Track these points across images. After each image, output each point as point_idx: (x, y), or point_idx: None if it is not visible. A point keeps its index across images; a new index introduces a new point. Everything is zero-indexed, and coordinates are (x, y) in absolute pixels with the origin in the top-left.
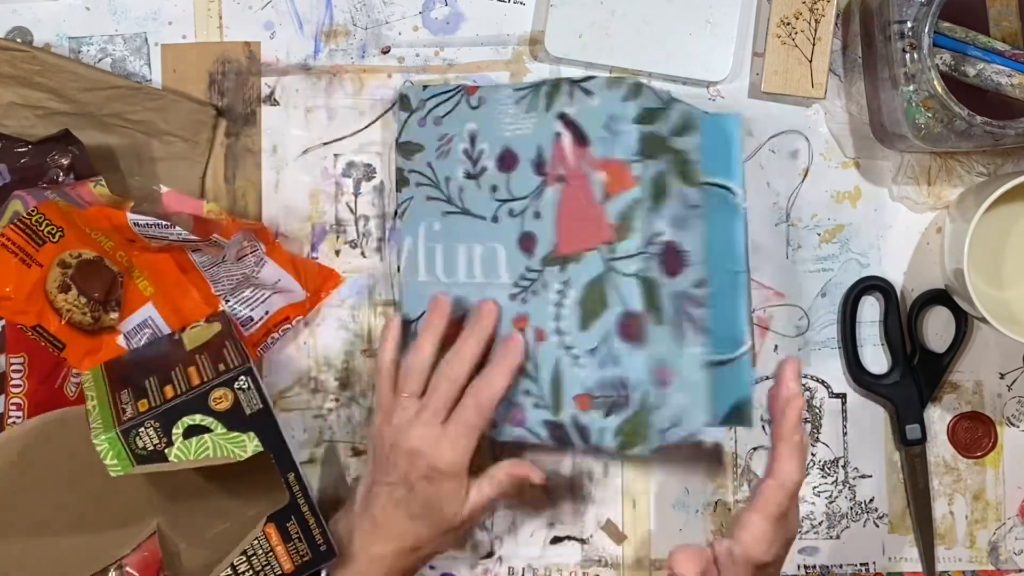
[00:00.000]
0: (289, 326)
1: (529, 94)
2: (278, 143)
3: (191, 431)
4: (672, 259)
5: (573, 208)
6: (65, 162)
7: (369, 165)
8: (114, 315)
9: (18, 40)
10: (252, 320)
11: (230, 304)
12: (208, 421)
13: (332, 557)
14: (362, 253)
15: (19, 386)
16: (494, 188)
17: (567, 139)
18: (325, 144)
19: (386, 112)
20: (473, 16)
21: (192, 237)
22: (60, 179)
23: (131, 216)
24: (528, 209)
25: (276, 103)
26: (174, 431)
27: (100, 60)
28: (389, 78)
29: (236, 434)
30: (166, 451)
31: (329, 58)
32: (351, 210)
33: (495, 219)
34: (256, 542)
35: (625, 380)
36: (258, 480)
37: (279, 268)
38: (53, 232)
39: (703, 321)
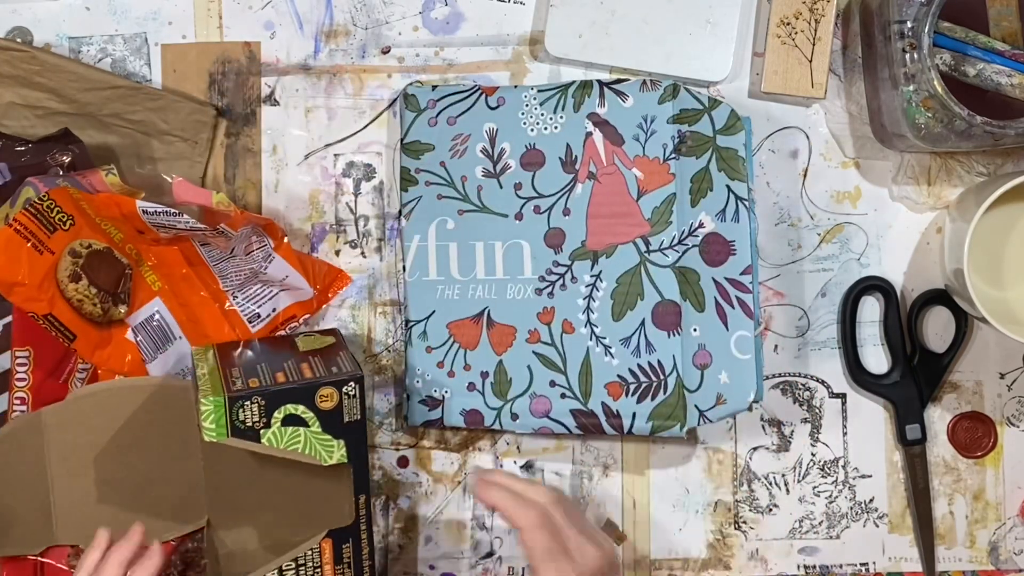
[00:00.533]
0: (296, 324)
1: (556, 95)
2: (278, 143)
3: (290, 420)
4: (716, 249)
5: (604, 204)
6: (65, 160)
7: (369, 165)
8: (123, 308)
9: (18, 40)
10: (259, 317)
11: (238, 300)
12: (308, 416)
13: None
14: (362, 253)
15: (24, 380)
16: (518, 186)
17: (599, 138)
18: (327, 146)
19: (384, 111)
20: (473, 16)
21: (200, 226)
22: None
23: (140, 204)
24: (556, 206)
25: (276, 103)
26: (275, 414)
27: (100, 60)
28: (389, 78)
29: (328, 437)
30: (261, 432)
31: (329, 58)
32: (351, 210)
33: (519, 216)
34: (309, 553)
35: (661, 365)
36: (319, 498)
37: (287, 264)
38: (64, 219)
39: (750, 305)
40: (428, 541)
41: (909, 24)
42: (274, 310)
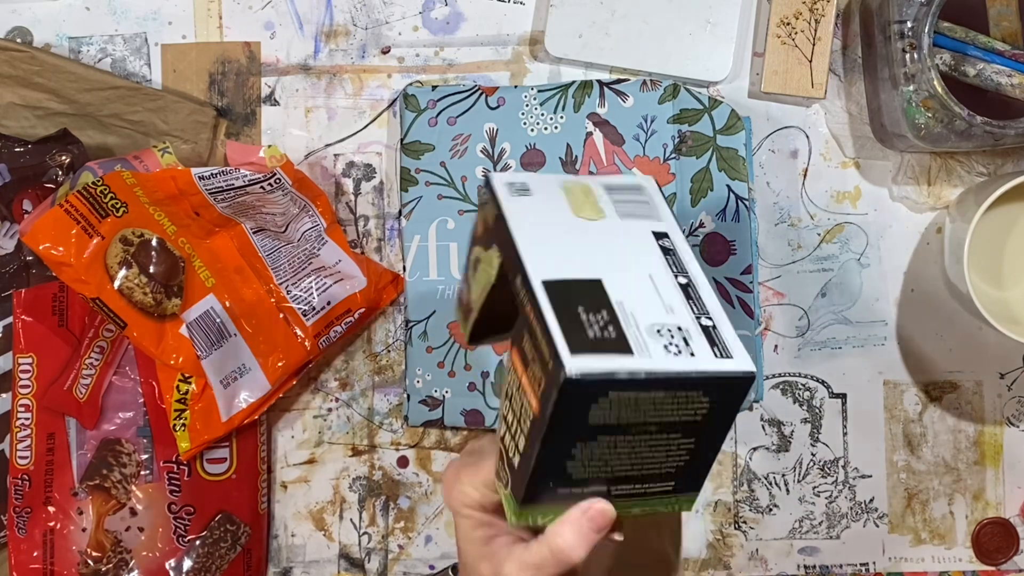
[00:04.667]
0: (352, 319)
1: (556, 95)
2: (278, 143)
3: None
4: (716, 249)
5: None
6: (65, 161)
7: (369, 165)
8: (177, 301)
9: (18, 40)
10: (314, 309)
11: (292, 293)
12: None
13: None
14: (362, 253)
15: (27, 387)
16: None
17: (599, 137)
18: (327, 146)
19: (384, 111)
20: (473, 16)
21: (257, 176)
22: (59, 178)
23: (195, 171)
24: None
25: (276, 103)
26: None
27: (100, 60)
28: (389, 78)
29: None
30: None
31: (329, 58)
32: (351, 210)
33: None
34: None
35: None
36: None
37: (339, 248)
38: (117, 206)
39: (750, 305)
40: (428, 541)
41: (909, 24)
42: (328, 303)
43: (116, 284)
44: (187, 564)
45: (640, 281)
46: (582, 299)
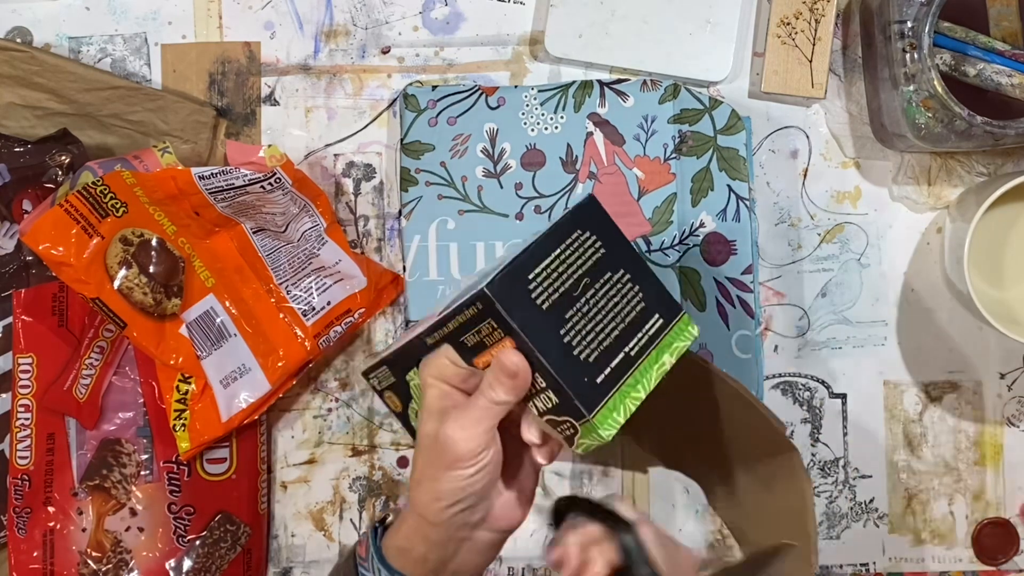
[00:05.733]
0: (352, 319)
1: (556, 95)
2: (278, 143)
3: None
4: (717, 249)
5: (605, 204)
6: (65, 161)
7: (369, 165)
8: (176, 301)
9: (18, 40)
10: (314, 309)
11: (292, 293)
12: None
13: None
14: (362, 253)
15: (27, 387)
16: (518, 186)
17: (599, 137)
18: (327, 146)
19: (384, 111)
20: (473, 16)
21: (258, 175)
22: (59, 178)
23: (195, 171)
24: (557, 206)
25: (276, 103)
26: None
27: (100, 60)
28: (389, 78)
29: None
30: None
31: (329, 58)
32: (351, 210)
33: (520, 216)
34: None
35: None
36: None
37: (339, 248)
38: (117, 206)
39: (751, 304)
40: None
41: (909, 24)
42: (328, 303)
43: (116, 284)
44: (187, 564)
45: None
46: None
